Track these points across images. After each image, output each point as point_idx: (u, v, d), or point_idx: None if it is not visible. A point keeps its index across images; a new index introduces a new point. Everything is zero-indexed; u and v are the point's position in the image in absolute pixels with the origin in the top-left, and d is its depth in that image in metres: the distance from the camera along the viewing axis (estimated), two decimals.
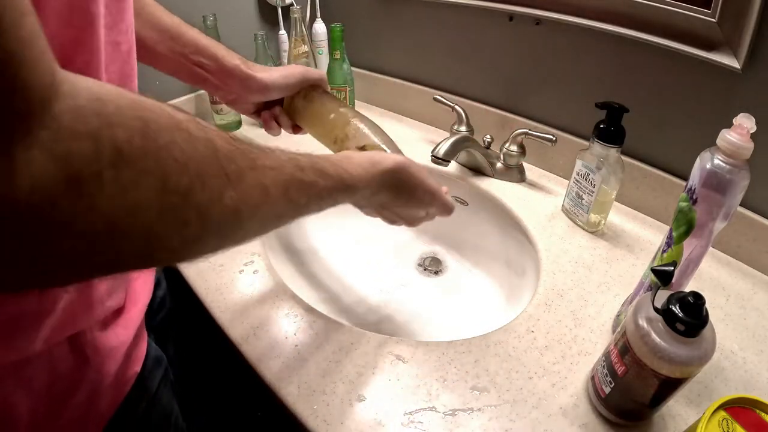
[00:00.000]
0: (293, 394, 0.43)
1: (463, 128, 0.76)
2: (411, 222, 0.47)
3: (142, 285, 0.42)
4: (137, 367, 0.40)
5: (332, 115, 0.48)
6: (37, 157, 0.16)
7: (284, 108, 0.51)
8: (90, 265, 0.20)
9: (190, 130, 0.22)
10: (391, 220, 0.46)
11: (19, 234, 0.17)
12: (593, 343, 0.49)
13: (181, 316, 0.65)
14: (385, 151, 0.44)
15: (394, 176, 0.40)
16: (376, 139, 0.45)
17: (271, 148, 0.29)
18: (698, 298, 0.34)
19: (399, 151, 0.45)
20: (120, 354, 0.37)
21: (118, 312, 0.38)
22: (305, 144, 0.44)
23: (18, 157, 0.16)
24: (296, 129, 0.53)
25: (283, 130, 0.53)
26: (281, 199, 0.29)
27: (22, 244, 0.17)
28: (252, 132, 0.91)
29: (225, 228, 0.25)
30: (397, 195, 0.41)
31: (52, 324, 0.30)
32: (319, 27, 0.90)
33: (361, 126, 0.46)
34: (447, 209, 0.47)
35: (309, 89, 0.50)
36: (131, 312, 0.39)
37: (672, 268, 0.38)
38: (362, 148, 0.44)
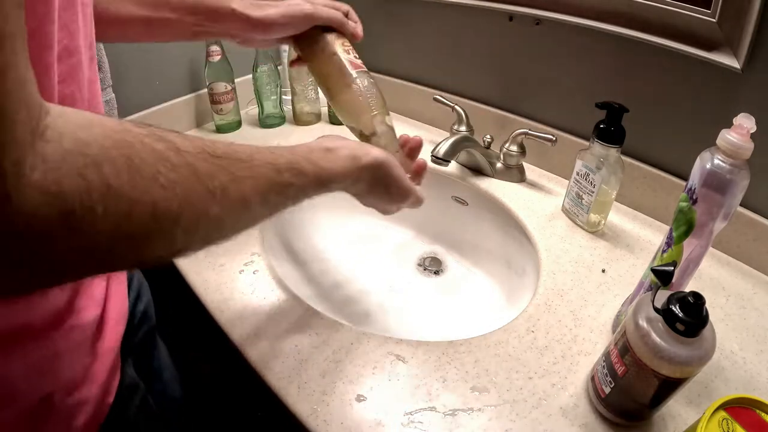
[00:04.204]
0: (293, 394, 0.43)
1: (463, 128, 0.76)
2: (383, 211, 0.48)
3: (111, 346, 0.41)
4: (110, 398, 0.40)
5: (335, 69, 0.47)
6: (31, 196, 0.18)
7: (294, 46, 0.50)
8: (83, 275, 0.23)
9: (171, 160, 0.23)
10: (365, 205, 0.47)
11: (17, 263, 0.18)
12: (593, 343, 0.49)
13: (170, 321, 0.65)
14: (375, 131, 0.46)
15: (372, 173, 0.41)
16: (371, 108, 0.46)
17: (250, 154, 0.30)
18: (698, 298, 0.34)
19: (388, 114, 0.47)
20: (90, 407, 0.38)
21: (86, 371, 0.38)
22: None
23: (12, 196, 0.17)
24: (294, 64, 0.53)
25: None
26: (260, 205, 0.31)
27: (20, 271, 0.19)
28: (251, 133, 0.91)
29: (208, 239, 0.28)
30: (373, 189, 0.42)
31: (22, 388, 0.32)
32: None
33: (360, 86, 0.47)
34: (417, 204, 0.48)
35: (318, 33, 0.48)
36: (99, 370, 0.39)
37: (672, 268, 0.38)
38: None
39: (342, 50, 0.48)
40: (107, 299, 0.41)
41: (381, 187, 0.43)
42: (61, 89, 0.28)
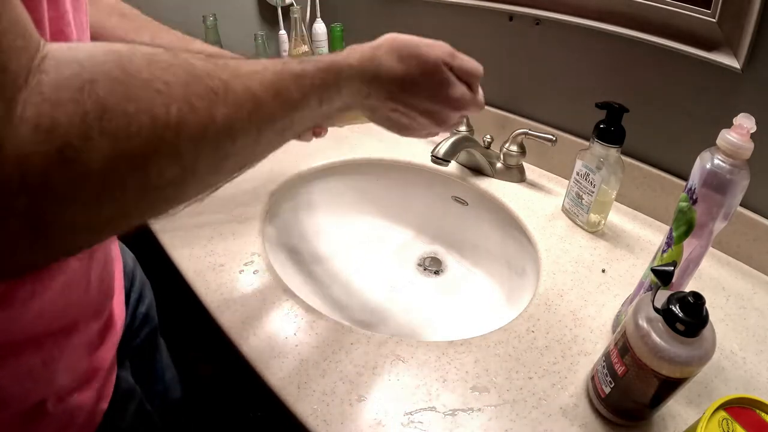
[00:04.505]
0: (293, 394, 0.43)
1: (463, 128, 0.76)
2: (436, 116, 0.39)
3: (107, 350, 0.41)
4: (104, 404, 0.39)
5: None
6: (22, 137, 0.17)
7: None
8: (93, 219, 0.20)
9: (166, 59, 0.22)
10: (408, 125, 0.39)
11: (12, 210, 0.17)
12: (593, 343, 0.49)
13: (171, 321, 0.65)
14: None
15: (398, 52, 0.35)
16: None
17: (248, 54, 0.28)
18: (698, 298, 0.34)
19: None
20: (83, 413, 0.37)
21: (86, 378, 0.37)
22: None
23: (3, 141, 0.16)
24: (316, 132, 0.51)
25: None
26: (273, 100, 0.27)
27: (20, 222, 0.17)
28: None
29: (221, 154, 0.24)
30: (407, 78, 0.36)
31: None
32: (319, 27, 0.90)
33: None
34: (471, 65, 0.39)
35: None
36: (93, 377, 0.38)
37: (672, 268, 0.38)
38: None
39: None
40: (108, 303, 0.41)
41: (416, 71, 0.36)
42: None
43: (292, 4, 0.87)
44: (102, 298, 0.38)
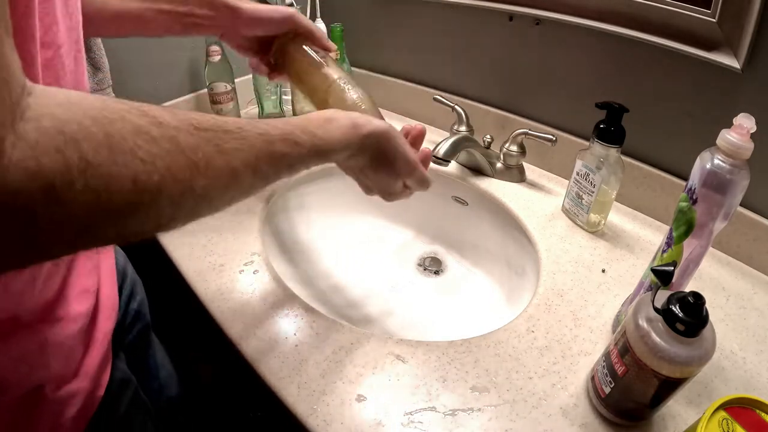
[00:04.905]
0: (293, 394, 0.43)
1: (463, 128, 0.76)
2: (386, 194, 0.45)
3: (102, 340, 0.42)
4: (100, 391, 0.40)
5: (316, 72, 0.47)
6: (13, 173, 0.18)
7: (273, 50, 0.50)
8: (67, 249, 0.23)
9: (152, 133, 0.23)
10: (367, 187, 0.45)
11: (2, 236, 0.19)
12: (593, 343, 0.49)
13: (169, 321, 0.65)
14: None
15: (374, 141, 0.39)
16: (359, 104, 0.44)
17: (240, 126, 0.29)
18: (698, 298, 0.34)
19: (382, 118, 0.44)
20: (79, 400, 0.38)
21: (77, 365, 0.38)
22: None
23: None
24: (273, 76, 0.52)
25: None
26: (250, 177, 0.30)
27: (4, 245, 0.20)
28: None
29: (196, 211, 0.27)
30: (375, 160, 0.40)
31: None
32: (319, 27, 0.90)
33: (345, 88, 0.45)
34: (424, 183, 0.45)
35: (298, 37, 0.49)
36: (89, 364, 0.39)
37: (672, 268, 0.38)
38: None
39: (320, 56, 0.48)
40: (98, 292, 0.41)
41: (384, 159, 0.41)
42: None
43: (291, 4, 0.87)
44: (89, 273, 0.40)
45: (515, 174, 0.75)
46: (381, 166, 0.41)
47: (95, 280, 0.41)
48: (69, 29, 0.31)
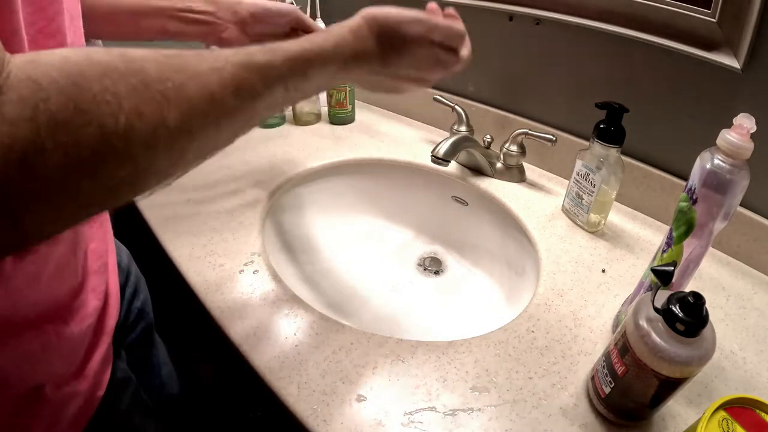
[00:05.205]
0: (293, 394, 0.43)
1: (463, 128, 0.77)
2: (420, 80, 0.40)
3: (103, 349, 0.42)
4: (101, 391, 0.40)
5: None
6: None
7: None
8: (49, 220, 0.22)
9: (119, 69, 0.22)
10: (393, 88, 0.40)
11: None
12: (593, 343, 0.49)
13: (171, 321, 0.65)
14: None
15: (364, 25, 0.36)
16: None
17: (215, 51, 0.27)
18: (698, 298, 0.34)
19: None
20: (80, 399, 0.38)
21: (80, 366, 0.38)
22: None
23: None
24: None
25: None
26: (232, 98, 0.27)
27: None
28: (251, 133, 0.90)
29: (180, 150, 0.25)
30: (380, 45, 0.36)
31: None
32: (320, 26, 0.90)
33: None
34: (453, 30, 0.38)
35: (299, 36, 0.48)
36: (91, 364, 0.39)
37: (672, 268, 0.38)
38: None
39: None
40: (106, 290, 0.41)
41: (397, 50, 0.36)
42: None
43: (292, 4, 0.87)
44: (97, 275, 0.39)
45: (515, 174, 0.75)
46: (392, 48, 0.36)
47: (104, 278, 0.41)
48: (72, 18, 0.31)
